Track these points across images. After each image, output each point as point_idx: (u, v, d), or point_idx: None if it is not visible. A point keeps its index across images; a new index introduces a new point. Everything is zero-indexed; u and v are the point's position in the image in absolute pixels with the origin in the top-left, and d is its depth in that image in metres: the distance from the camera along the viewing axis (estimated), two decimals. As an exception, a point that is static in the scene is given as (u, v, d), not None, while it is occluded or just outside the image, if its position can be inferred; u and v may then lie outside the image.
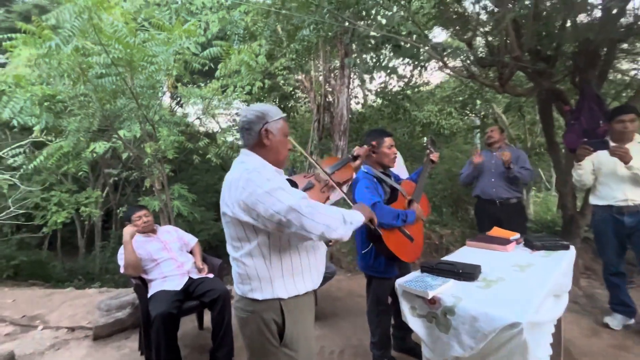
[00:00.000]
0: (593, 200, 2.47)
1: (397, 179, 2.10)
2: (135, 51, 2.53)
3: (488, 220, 2.68)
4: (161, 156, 3.36)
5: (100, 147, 3.35)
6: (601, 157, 2.31)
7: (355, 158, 1.74)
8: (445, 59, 2.81)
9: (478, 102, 6.93)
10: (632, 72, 4.08)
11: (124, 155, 4.55)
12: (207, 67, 3.25)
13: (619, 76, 4.44)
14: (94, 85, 2.67)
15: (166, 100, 8.15)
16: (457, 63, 3.70)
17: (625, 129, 2.26)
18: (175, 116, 4.79)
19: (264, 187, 1.06)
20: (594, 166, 2.40)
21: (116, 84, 2.69)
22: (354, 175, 1.73)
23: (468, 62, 2.92)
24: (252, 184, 1.07)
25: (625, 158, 2.15)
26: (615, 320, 2.44)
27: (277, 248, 1.12)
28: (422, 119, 7.40)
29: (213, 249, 7.73)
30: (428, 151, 2.12)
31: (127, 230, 2.23)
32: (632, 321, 2.43)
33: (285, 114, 1.28)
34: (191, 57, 3.07)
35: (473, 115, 7.77)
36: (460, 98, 6.69)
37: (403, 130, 7.46)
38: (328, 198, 1.51)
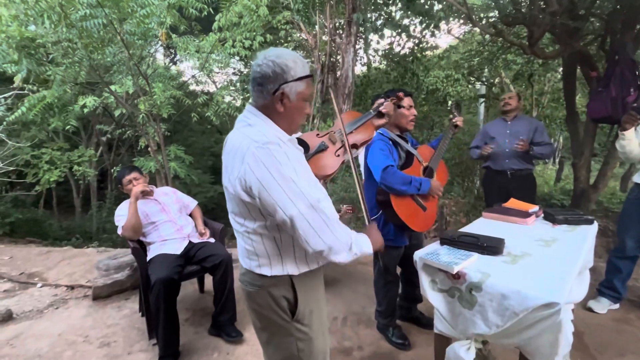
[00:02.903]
0: (635, 177, 2.21)
1: (414, 143, 1.96)
2: (124, -10, 2.22)
3: (497, 192, 2.56)
4: (156, 113, 3.13)
5: (90, 102, 3.11)
6: None
7: (379, 114, 1.52)
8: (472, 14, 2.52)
9: (486, 69, 6.59)
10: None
11: (117, 112, 4.31)
12: (205, 13, 2.92)
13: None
14: (78, 29, 2.38)
15: (159, 56, 7.69)
16: (479, 20, 3.38)
17: None
18: (169, 72, 4.47)
19: (273, 171, 0.87)
20: None
21: (103, 29, 2.40)
22: (374, 136, 1.55)
23: (494, 18, 2.64)
24: (260, 165, 0.87)
25: None
26: (599, 304, 2.33)
27: None
28: (428, 84, 7.07)
29: (210, 212, 7.71)
30: (451, 116, 1.94)
31: (137, 189, 2.09)
32: (617, 306, 2.34)
33: (311, 74, 1.02)
34: (187, 1, 2.73)
35: (480, 83, 7.44)
36: (466, 64, 6.31)
37: (408, 96, 7.15)
38: (343, 162, 1.35)
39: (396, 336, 1.97)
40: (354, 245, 0.96)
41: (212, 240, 2.31)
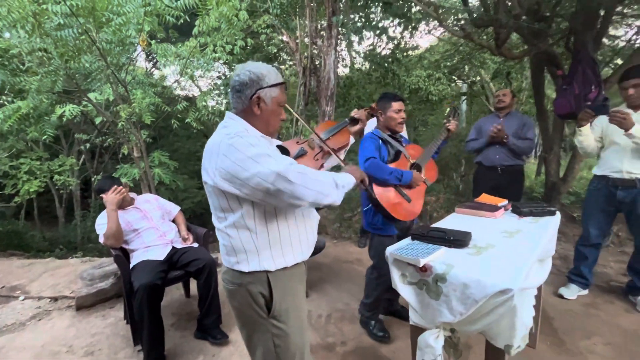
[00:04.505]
0: (594, 169, 2.31)
1: (406, 143, 2.09)
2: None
3: (487, 187, 2.60)
4: (137, 120, 3.12)
5: (69, 110, 3.07)
6: (609, 123, 2.04)
7: (353, 121, 1.64)
8: (441, 17, 2.63)
9: (467, 67, 6.79)
10: (628, 36, 4.01)
11: (98, 120, 4.26)
12: (181, 21, 2.94)
13: (608, 42, 4.36)
14: (53, 39, 2.37)
15: (142, 62, 7.60)
16: (450, 23, 3.50)
17: (627, 96, 2.03)
18: (151, 78, 4.43)
19: (247, 152, 0.96)
20: (603, 132, 2.20)
21: (79, 38, 2.39)
22: (352, 141, 1.65)
23: (464, 20, 2.75)
24: (234, 151, 0.97)
25: (623, 124, 1.94)
26: (569, 291, 2.45)
27: (263, 219, 1.05)
28: (410, 84, 7.21)
29: (197, 217, 7.65)
30: (446, 120, 2.05)
31: (110, 199, 2.07)
32: (586, 292, 2.47)
33: (284, 81, 1.14)
34: (163, 8, 2.74)
35: (461, 81, 7.64)
36: (449, 63, 6.50)
37: (391, 96, 7.27)
38: (322, 166, 1.43)
39: (377, 329, 2.04)
40: (338, 180, 1.07)
41: (196, 245, 2.33)
